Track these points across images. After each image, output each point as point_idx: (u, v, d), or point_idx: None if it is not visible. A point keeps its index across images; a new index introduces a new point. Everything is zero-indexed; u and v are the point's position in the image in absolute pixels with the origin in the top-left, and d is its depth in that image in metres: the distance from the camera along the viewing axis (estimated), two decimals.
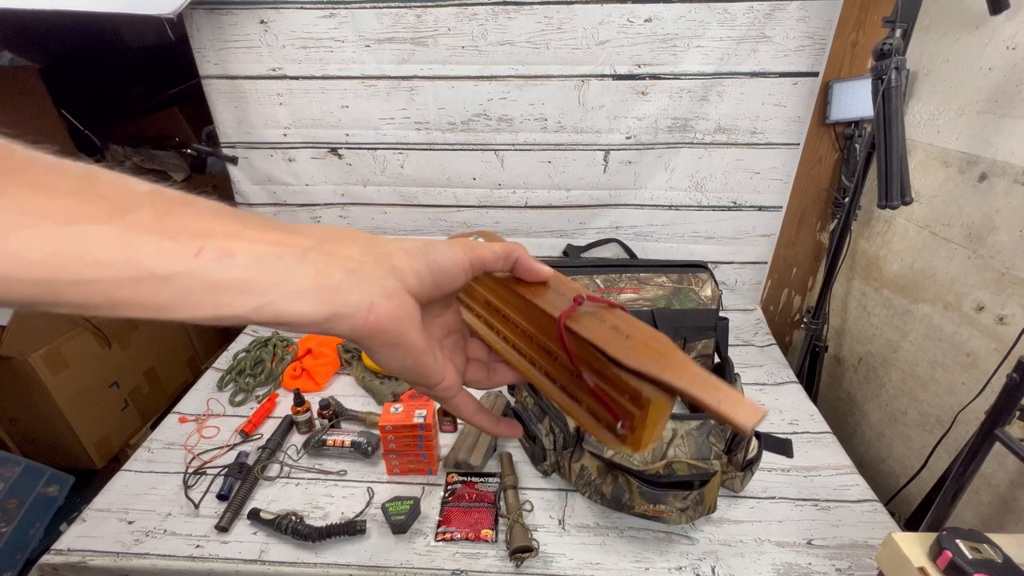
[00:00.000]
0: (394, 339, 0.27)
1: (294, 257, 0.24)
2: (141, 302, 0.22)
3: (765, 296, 1.55)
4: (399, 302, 0.27)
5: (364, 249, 0.27)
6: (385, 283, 0.26)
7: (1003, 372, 0.70)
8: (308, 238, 0.26)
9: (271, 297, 0.23)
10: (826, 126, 1.29)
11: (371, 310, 0.26)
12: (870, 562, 0.82)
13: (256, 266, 0.23)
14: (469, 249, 0.31)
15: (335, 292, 0.25)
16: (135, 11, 1.10)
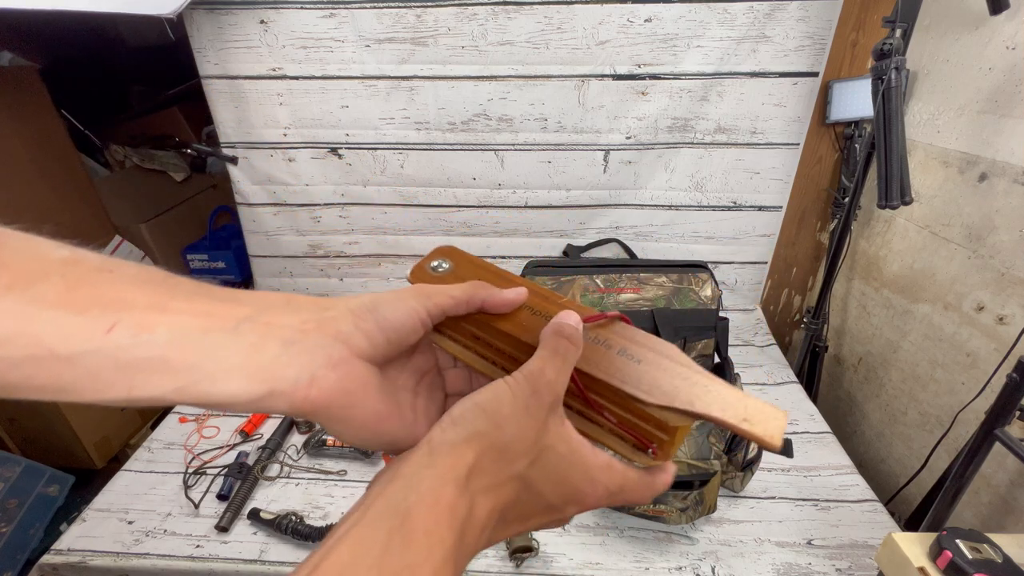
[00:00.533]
0: (342, 413, 0.25)
1: (224, 331, 0.22)
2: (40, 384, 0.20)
3: (765, 296, 1.55)
4: (346, 371, 0.24)
5: (307, 316, 0.25)
6: (330, 351, 0.24)
7: (1003, 372, 0.70)
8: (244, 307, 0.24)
9: (195, 377, 0.21)
10: (826, 126, 1.29)
11: (312, 384, 0.23)
12: (870, 562, 0.82)
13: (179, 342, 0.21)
14: (425, 298, 0.29)
15: (270, 367, 0.23)
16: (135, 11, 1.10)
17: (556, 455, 0.26)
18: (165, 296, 0.22)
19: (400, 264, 1.51)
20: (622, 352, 0.29)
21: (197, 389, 0.21)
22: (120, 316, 0.21)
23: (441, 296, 0.29)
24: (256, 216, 1.46)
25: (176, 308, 0.22)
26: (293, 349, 0.23)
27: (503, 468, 0.25)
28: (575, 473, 0.27)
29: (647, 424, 0.28)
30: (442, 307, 0.29)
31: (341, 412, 0.25)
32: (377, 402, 0.26)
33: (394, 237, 1.47)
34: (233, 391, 0.22)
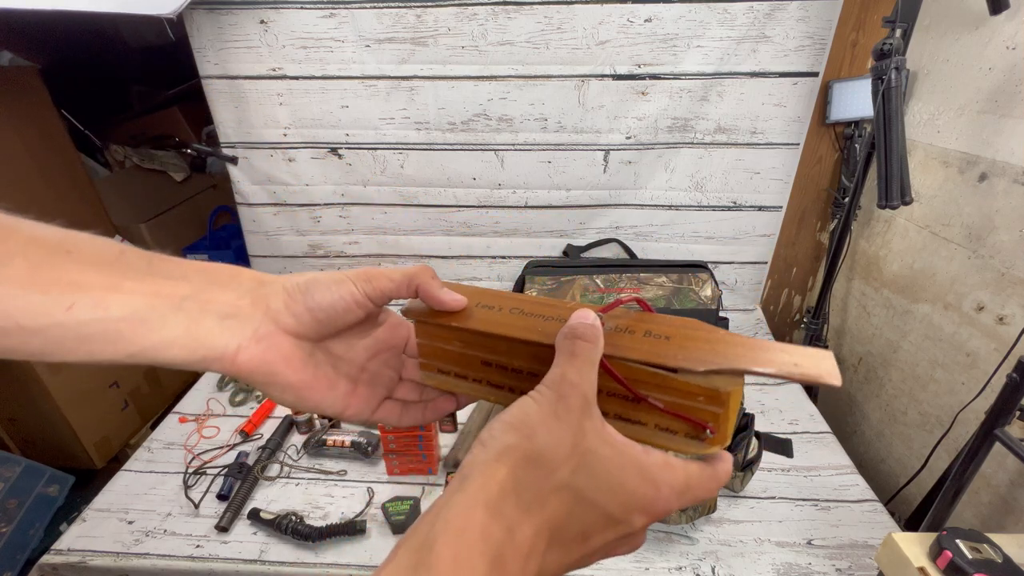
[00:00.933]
0: (265, 379, 0.28)
1: (169, 307, 0.26)
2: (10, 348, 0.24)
3: (765, 296, 1.55)
4: (268, 343, 0.28)
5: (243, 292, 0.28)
6: (257, 326, 0.28)
7: (1003, 372, 0.70)
8: (188, 285, 0.27)
9: (143, 345, 0.25)
10: (826, 126, 1.29)
11: (238, 353, 0.27)
12: (870, 562, 0.82)
13: (130, 319, 0.25)
14: (364, 282, 0.30)
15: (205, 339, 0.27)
16: (135, 11, 1.10)
17: (601, 458, 0.24)
18: (118, 277, 0.25)
19: (400, 264, 1.51)
20: (648, 334, 0.28)
21: (145, 356, 0.26)
22: (78, 297, 0.24)
23: (381, 279, 0.31)
24: (256, 216, 1.46)
25: (128, 288, 0.25)
26: (225, 323, 0.27)
27: (543, 479, 0.23)
28: (629, 475, 0.24)
29: (697, 400, 0.26)
30: (382, 290, 0.30)
31: (265, 378, 0.28)
32: (300, 373, 0.29)
33: (394, 237, 1.47)
34: (174, 357, 0.26)
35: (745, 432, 0.91)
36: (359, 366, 0.34)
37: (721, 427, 0.26)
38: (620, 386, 0.27)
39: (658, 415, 0.27)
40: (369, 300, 0.30)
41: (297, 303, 0.29)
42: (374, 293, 0.30)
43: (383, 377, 0.35)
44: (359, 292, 0.30)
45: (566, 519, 0.23)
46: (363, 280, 0.30)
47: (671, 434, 0.27)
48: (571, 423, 0.24)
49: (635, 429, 0.28)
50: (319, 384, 0.31)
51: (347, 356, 0.33)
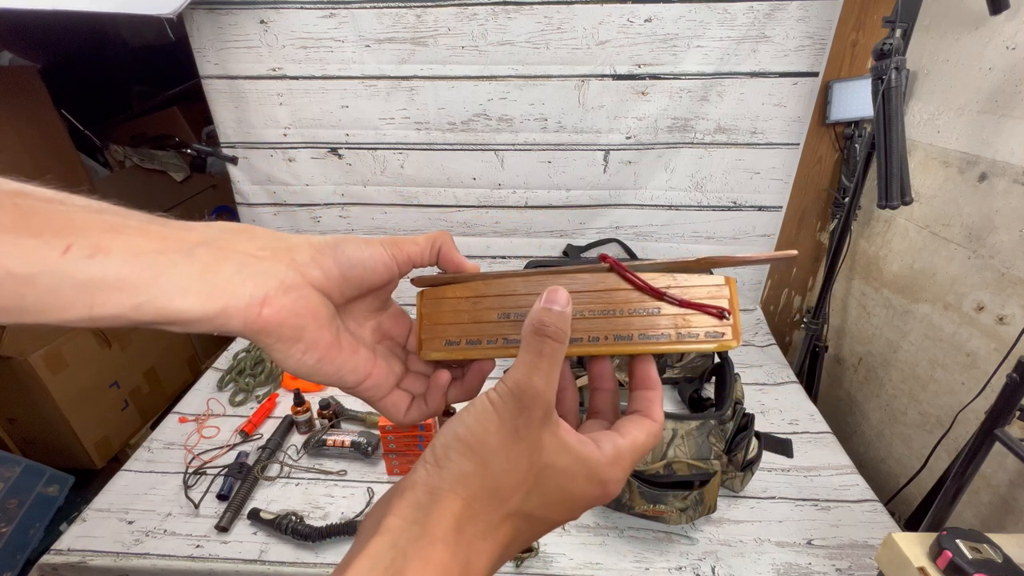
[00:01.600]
0: (291, 333, 0.25)
1: (179, 252, 0.23)
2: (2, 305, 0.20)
3: (765, 296, 1.55)
4: (297, 295, 0.25)
5: (263, 244, 0.26)
6: (283, 276, 0.25)
7: (1003, 372, 0.70)
8: (199, 234, 0.24)
9: (152, 294, 0.22)
10: (826, 126, 1.29)
11: (265, 303, 0.24)
12: (870, 562, 0.82)
13: (134, 263, 0.22)
14: (391, 245, 0.29)
15: (225, 286, 0.23)
16: (135, 11, 1.10)
17: (557, 471, 0.25)
18: (119, 221, 0.22)
19: None
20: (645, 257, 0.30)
21: (155, 306, 0.22)
22: (74, 239, 0.21)
23: (407, 243, 0.30)
24: (256, 216, 1.46)
25: (130, 232, 0.22)
26: (247, 271, 0.24)
27: (496, 509, 0.24)
28: (579, 483, 0.25)
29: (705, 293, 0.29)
30: (409, 254, 0.30)
31: (293, 333, 0.25)
32: (327, 331, 0.27)
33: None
34: (189, 307, 0.22)
35: (745, 432, 0.91)
36: (369, 346, 0.32)
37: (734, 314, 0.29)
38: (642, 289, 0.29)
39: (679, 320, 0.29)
40: (396, 263, 0.29)
41: (326, 257, 0.27)
42: (400, 256, 0.30)
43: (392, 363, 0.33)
44: (387, 254, 0.29)
45: (514, 538, 0.25)
46: (390, 243, 0.29)
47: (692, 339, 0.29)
48: (530, 441, 0.24)
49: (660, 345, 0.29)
50: (344, 346, 0.28)
51: (358, 332, 0.32)
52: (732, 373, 0.99)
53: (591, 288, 0.30)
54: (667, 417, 0.88)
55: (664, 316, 0.29)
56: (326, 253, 0.27)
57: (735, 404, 0.92)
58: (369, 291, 0.30)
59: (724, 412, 0.90)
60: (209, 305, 0.23)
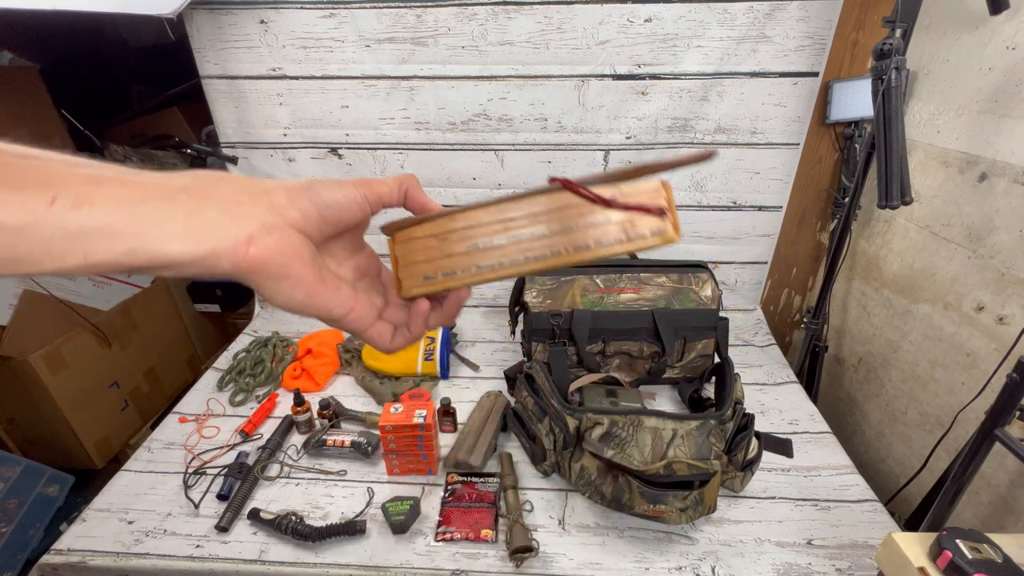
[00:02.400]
0: (279, 271, 0.27)
1: (161, 200, 0.24)
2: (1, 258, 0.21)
3: (765, 296, 1.55)
4: (280, 234, 0.27)
5: (239, 188, 0.27)
6: (264, 218, 0.26)
7: (1003, 372, 0.70)
8: (178, 181, 0.25)
9: (142, 240, 0.23)
10: (826, 126, 1.29)
11: (251, 242, 0.25)
12: (870, 562, 0.82)
13: (120, 211, 0.23)
14: (362, 185, 0.31)
15: (210, 229, 0.24)
16: (135, 11, 1.10)
17: None
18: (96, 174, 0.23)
19: None
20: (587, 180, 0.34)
21: (146, 250, 0.23)
22: (58, 191, 0.21)
23: (377, 184, 0.32)
24: None
25: (110, 183, 0.23)
26: (229, 214, 0.25)
27: None
28: None
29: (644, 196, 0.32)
30: (379, 193, 0.32)
31: (279, 270, 0.27)
32: (311, 268, 0.29)
33: None
34: (179, 251, 0.24)
35: (745, 432, 0.91)
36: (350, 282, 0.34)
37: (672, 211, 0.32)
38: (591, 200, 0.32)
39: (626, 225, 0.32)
40: (367, 201, 0.31)
41: (302, 199, 0.28)
42: (371, 195, 0.32)
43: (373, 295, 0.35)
44: (359, 193, 0.31)
45: None
46: (360, 184, 0.31)
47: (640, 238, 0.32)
48: None
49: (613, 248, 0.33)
50: (328, 282, 0.30)
51: (339, 271, 0.34)
52: (732, 373, 0.99)
53: (549, 209, 0.33)
54: (667, 417, 0.88)
55: (613, 224, 0.33)
56: (301, 195, 0.28)
57: (735, 404, 0.92)
58: (345, 229, 0.32)
59: (724, 412, 0.90)
60: (197, 248, 0.24)
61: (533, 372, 1.01)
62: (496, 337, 1.43)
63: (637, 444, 0.85)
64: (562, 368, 1.10)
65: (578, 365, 1.16)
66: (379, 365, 1.25)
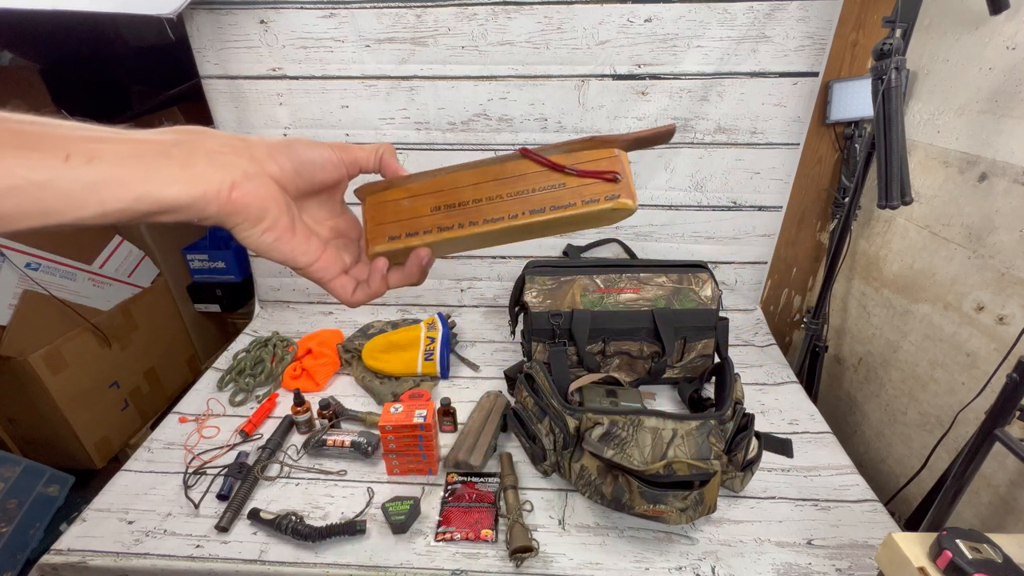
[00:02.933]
0: (257, 214, 0.30)
1: (159, 154, 0.28)
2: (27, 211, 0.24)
3: (765, 296, 1.55)
4: (259, 182, 0.30)
5: (224, 142, 0.30)
6: (246, 167, 0.30)
7: (1003, 372, 0.70)
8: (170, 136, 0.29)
9: (147, 187, 0.27)
10: (826, 126, 1.29)
11: (234, 187, 0.29)
12: (870, 562, 0.82)
13: (126, 163, 0.26)
14: (340, 149, 0.34)
15: (201, 176, 0.28)
16: (135, 11, 1.10)
17: None
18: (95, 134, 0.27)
19: None
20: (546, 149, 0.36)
21: (152, 196, 0.27)
22: (70, 149, 0.25)
23: (355, 149, 0.35)
24: None
25: (111, 140, 0.27)
26: (215, 163, 0.29)
27: None
28: None
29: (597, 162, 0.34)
30: (357, 158, 0.35)
31: (257, 213, 0.30)
32: (285, 215, 0.32)
33: None
34: (178, 194, 0.27)
35: (745, 432, 0.91)
36: (323, 239, 0.36)
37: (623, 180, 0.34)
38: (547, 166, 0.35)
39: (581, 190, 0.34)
40: (343, 164, 0.34)
41: (280, 154, 0.32)
42: (347, 158, 0.34)
43: (348, 250, 0.38)
44: (335, 155, 0.34)
45: None
46: (338, 147, 0.34)
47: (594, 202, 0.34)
48: None
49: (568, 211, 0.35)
50: (298, 231, 0.33)
51: (314, 227, 0.36)
52: (732, 373, 0.99)
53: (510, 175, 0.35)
54: (667, 417, 0.88)
55: (568, 189, 0.35)
56: (280, 150, 0.32)
57: (735, 404, 0.92)
58: (321, 188, 0.35)
59: (724, 412, 0.90)
60: (192, 191, 0.28)
61: (533, 372, 1.01)
62: (496, 337, 1.43)
63: (637, 444, 0.85)
64: (562, 368, 1.10)
65: (578, 365, 1.16)
66: (379, 365, 1.25)
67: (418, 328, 1.29)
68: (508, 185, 0.35)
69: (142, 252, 1.76)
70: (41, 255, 1.48)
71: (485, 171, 0.36)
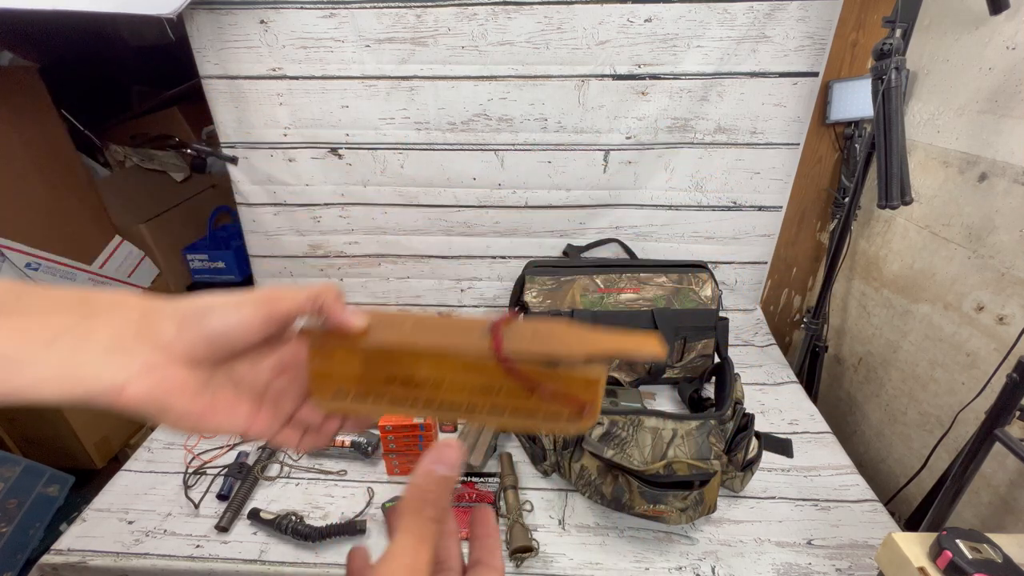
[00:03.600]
0: (158, 411, 0.27)
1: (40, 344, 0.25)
2: None
3: (765, 296, 1.55)
4: (160, 376, 0.27)
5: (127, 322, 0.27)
6: (146, 358, 0.27)
7: (1003, 372, 0.70)
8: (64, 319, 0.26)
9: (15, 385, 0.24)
10: (826, 126, 1.29)
11: (124, 389, 0.26)
12: (870, 562, 0.83)
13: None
14: (265, 303, 0.30)
15: (84, 375, 0.25)
16: (135, 11, 1.10)
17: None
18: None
19: (400, 264, 1.51)
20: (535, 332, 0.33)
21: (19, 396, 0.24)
22: None
23: (283, 300, 0.30)
24: (256, 216, 1.46)
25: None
26: (109, 358, 0.26)
27: None
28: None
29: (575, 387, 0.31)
30: (284, 311, 0.30)
31: (157, 411, 0.27)
32: (196, 401, 0.29)
33: (394, 237, 1.47)
34: (50, 394, 0.25)
35: (745, 432, 0.91)
36: (264, 384, 0.33)
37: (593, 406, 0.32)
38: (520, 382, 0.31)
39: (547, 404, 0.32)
40: (270, 322, 0.30)
41: (190, 331, 0.28)
42: (276, 314, 0.30)
43: (290, 394, 0.34)
44: (259, 316, 0.29)
45: None
46: (264, 302, 0.30)
47: (556, 419, 0.32)
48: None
49: (528, 422, 0.32)
50: (219, 408, 0.30)
51: (251, 376, 0.32)
52: (732, 373, 0.99)
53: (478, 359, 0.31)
54: (667, 417, 0.88)
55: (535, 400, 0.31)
56: (191, 327, 0.28)
57: (735, 404, 0.92)
58: (248, 350, 0.31)
59: (724, 412, 0.90)
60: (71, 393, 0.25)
61: None
62: None
63: (637, 444, 0.85)
64: None
65: None
66: None
67: None
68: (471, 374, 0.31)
69: (142, 252, 1.76)
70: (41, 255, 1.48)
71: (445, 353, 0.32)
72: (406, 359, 0.32)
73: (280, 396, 0.33)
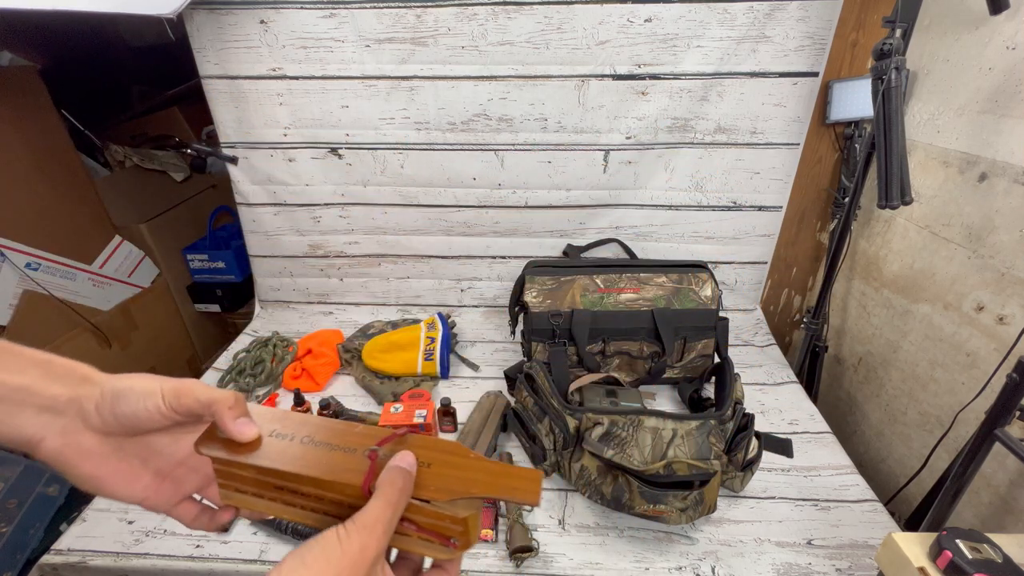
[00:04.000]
0: (63, 469, 0.33)
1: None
2: None
3: (765, 296, 1.55)
4: (70, 440, 0.32)
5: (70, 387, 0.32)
6: (65, 422, 0.32)
7: (1003, 372, 0.70)
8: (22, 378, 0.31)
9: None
10: (826, 126, 1.29)
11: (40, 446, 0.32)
12: (870, 562, 0.83)
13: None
14: (173, 396, 0.33)
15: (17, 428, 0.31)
16: (135, 11, 1.10)
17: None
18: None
19: (400, 264, 1.51)
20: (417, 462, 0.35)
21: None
22: None
23: (188, 398, 0.34)
24: (256, 216, 1.46)
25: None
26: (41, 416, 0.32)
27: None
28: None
29: (445, 522, 0.33)
30: (188, 407, 0.34)
31: (62, 468, 0.33)
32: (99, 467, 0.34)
33: (394, 237, 1.47)
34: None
35: (745, 432, 0.91)
36: (177, 460, 0.37)
37: (463, 540, 0.34)
38: None
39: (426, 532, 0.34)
40: (175, 413, 0.34)
41: (105, 410, 0.33)
42: (180, 408, 0.34)
43: (200, 473, 0.38)
44: (166, 406, 0.33)
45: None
46: (172, 395, 0.33)
47: (429, 543, 0.34)
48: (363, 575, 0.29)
49: (404, 540, 0.34)
50: (118, 478, 0.34)
51: (167, 450, 0.37)
52: (732, 373, 0.99)
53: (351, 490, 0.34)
54: (667, 417, 0.88)
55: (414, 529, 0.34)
56: (105, 408, 0.33)
57: (735, 404, 0.92)
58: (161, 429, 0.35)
59: (724, 412, 0.90)
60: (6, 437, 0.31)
61: (533, 372, 1.01)
62: (496, 337, 1.43)
63: (637, 444, 0.85)
64: (562, 368, 1.10)
65: (578, 365, 1.16)
66: (379, 365, 1.25)
67: (418, 328, 1.29)
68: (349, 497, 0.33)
69: (142, 252, 1.76)
70: (41, 255, 1.48)
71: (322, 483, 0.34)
72: (289, 477, 0.34)
73: (191, 473, 0.38)
